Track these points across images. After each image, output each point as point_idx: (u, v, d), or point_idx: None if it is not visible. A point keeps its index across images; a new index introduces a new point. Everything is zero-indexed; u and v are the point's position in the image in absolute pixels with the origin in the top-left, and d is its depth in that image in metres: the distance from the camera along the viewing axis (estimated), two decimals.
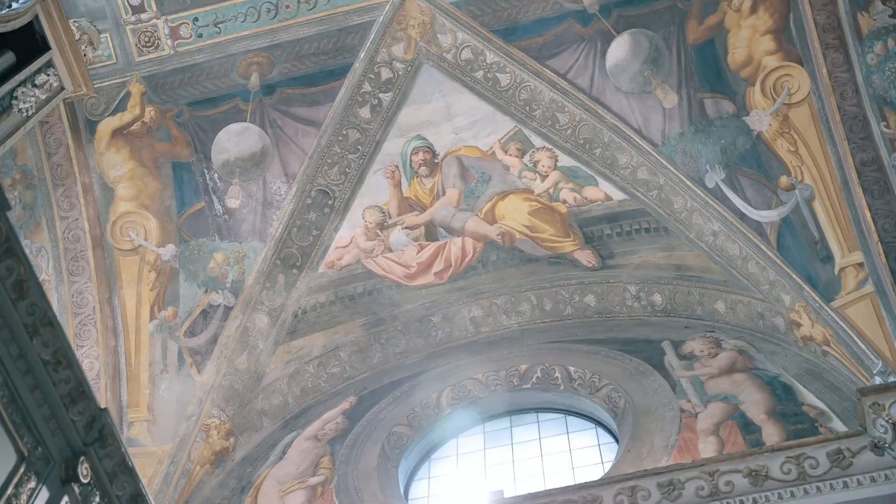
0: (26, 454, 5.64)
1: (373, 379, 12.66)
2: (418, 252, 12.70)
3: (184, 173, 12.17)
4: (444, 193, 12.60)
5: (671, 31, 11.51)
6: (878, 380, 9.28)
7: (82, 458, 5.96)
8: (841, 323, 10.34)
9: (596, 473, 10.66)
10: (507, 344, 12.62)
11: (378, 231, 12.62)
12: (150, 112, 11.99)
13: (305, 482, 11.08)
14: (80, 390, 6.00)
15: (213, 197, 12.20)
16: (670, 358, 11.48)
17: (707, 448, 9.96)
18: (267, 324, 12.34)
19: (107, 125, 11.92)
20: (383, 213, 12.62)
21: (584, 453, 11.30)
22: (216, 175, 12.20)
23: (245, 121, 12.14)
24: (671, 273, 12.14)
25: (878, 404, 8.52)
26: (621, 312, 12.50)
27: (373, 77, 12.07)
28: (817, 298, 10.59)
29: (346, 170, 12.35)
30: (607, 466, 10.89)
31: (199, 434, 11.54)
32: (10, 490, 5.41)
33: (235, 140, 12.17)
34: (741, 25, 11.23)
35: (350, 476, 10.98)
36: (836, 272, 10.55)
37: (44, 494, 5.68)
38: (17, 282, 5.67)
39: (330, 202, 12.41)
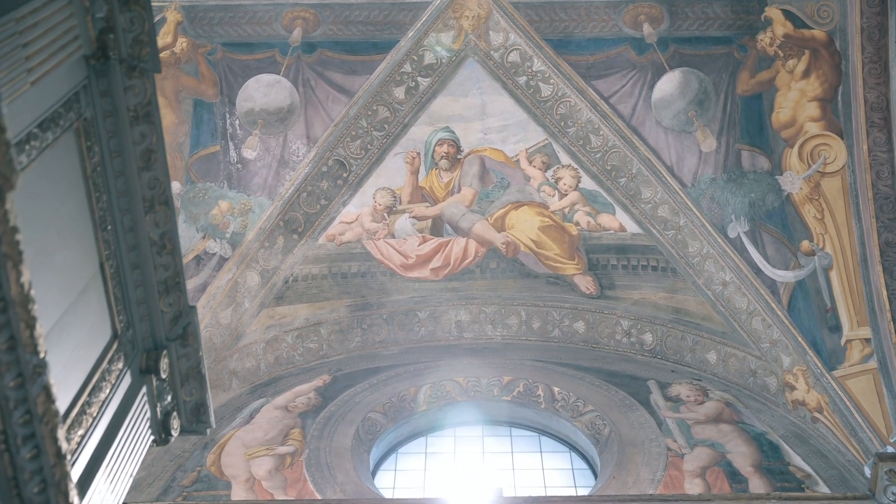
0: (119, 333, 5.24)
1: (348, 362, 12.30)
2: (420, 244, 12.44)
3: (204, 113, 11.72)
4: (459, 190, 12.40)
5: (722, 78, 11.60)
6: (889, 449, 9.35)
7: (164, 352, 5.56)
8: (840, 392, 10.45)
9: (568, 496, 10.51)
10: (488, 354, 12.42)
11: (385, 214, 12.34)
12: (182, 43, 11.54)
13: (273, 450, 10.68)
14: (176, 281, 5.60)
15: (230, 143, 11.78)
16: (656, 397, 11.45)
17: (694, 489, 9.93)
18: (257, 283, 11.91)
19: None
20: (394, 197, 12.35)
21: (557, 474, 11.13)
22: (237, 122, 11.78)
23: (279, 74, 11.78)
24: (669, 315, 12.13)
25: (895, 472, 8.58)
26: (608, 345, 12.42)
27: (415, 59, 11.86)
28: (819, 365, 10.69)
29: (368, 146, 12.07)
30: (580, 491, 10.77)
31: None
32: (104, 365, 5.01)
33: (265, 91, 11.78)
34: (791, 87, 11.39)
35: (322, 452, 10.61)
36: (842, 343, 10.68)
37: (127, 380, 5.26)
38: (147, 151, 5.29)
39: (345, 175, 12.10)
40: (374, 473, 11.02)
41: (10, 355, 3.80)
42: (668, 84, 11.71)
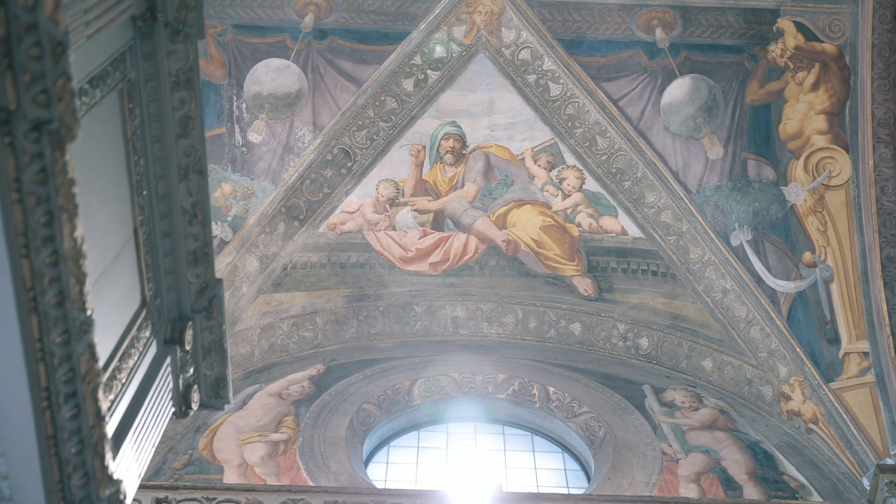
0: (147, 301, 5.16)
1: (342, 352, 12.21)
2: (420, 238, 12.38)
3: (211, 94, 11.59)
4: (462, 186, 12.34)
5: (732, 86, 11.62)
6: (889, 461, 9.38)
7: (189, 324, 5.48)
8: (836, 404, 10.49)
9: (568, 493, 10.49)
10: (483, 351, 12.37)
11: (387, 206, 12.27)
12: None
13: (266, 436, 10.59)
14: (204, 252, 5.52)
15: (236, 126, 11.67)
16: (651, 402, 11.45)
17: (688, 494, 9.92)
18: (256, 269, 11.81)
19: None
20: (397, 189, 12.28)
21: (549, 474, 11.10)
22: (244, 105, 11.68)
23: (289, 59, 11.69)
24: (666, 321, 12.13)
25: (895, 484, 8.61)
26: (603, 348, 12.40)
27: (426, 51, 11.81)
28: (817, 376, 10.73)
29: (374, 136, 12.00)
30: (573, 492, 10.74)
31: None
32: (133, 332, 4.93)
33: (273, 75, 11.69)
34: (799, 99, 11.43)
35: (316, 441, 10.53)
36: (841, 355, 10.72)
37: (153, 349, 5.18)
38: (186, 118, 5.21)
39: (349, 164, 12.02)
40: (365, 465, 10.95)
41: (58, 310, 3.73)
42: (678, 90, 11.71)
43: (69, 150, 3.56)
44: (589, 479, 10.82)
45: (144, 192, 5.07)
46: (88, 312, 3.82)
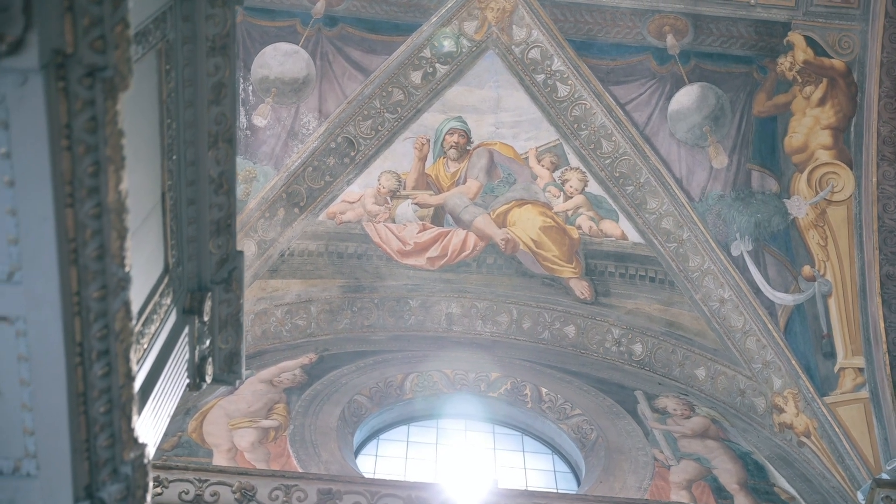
0: (170, 268, 5.08)
1: (335, 343, 12.12)
2: (419, 232, 12.31)
3: None
4: (464, 182, 12.28)
5: (740, 97, 11.63)
6: (885, 475, 9.39)
7: (209, 294, 5.40)
8: (830, 419, 10.50)
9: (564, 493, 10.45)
10: (476, 349, 12.30)
11: (388, 198, 12.19)
12: None
13: (257, 422, 10.48)
14: (227, 223, 5.44)
15: (241, 108, 11.57)
16: (643, 408, 11.42)
17: (681, 500, 9.89)
18: (254, 253, 11.70)
19: None
20: (399, 181, 12.20)
21: (539, 475, 11.05)
22: (251, 88, 11.59)
23: (298, 44, 11.60)
24: (661, 327, 12.11)
25: (891, 499, 8.61)
26: (597, 352, 12.37)
27: (436, 45, 11.75)
28: (811, 389, 10.74)
29: (379, 127, 11.93)
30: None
31: None
32: (155, 298, 4.84)
33: (281, 60, 11.60)
34: (806, 113, 11.45)
35: (307, 429, 10.43)
36: (836, 370, 10.74)
37: (173, 317, 5.09)
38: (218, 84, 5.13)
39: (352, 153, 11.94)
40: (355, 456, 10.86)
41: (98, 264, 3.65)
42: (686, 97, 11.70)
43: (121, 100, 3.49)
44: (578, 482, 10.78)
45: (174, 157, 4.99)
46: (127, 269, 3.75)
